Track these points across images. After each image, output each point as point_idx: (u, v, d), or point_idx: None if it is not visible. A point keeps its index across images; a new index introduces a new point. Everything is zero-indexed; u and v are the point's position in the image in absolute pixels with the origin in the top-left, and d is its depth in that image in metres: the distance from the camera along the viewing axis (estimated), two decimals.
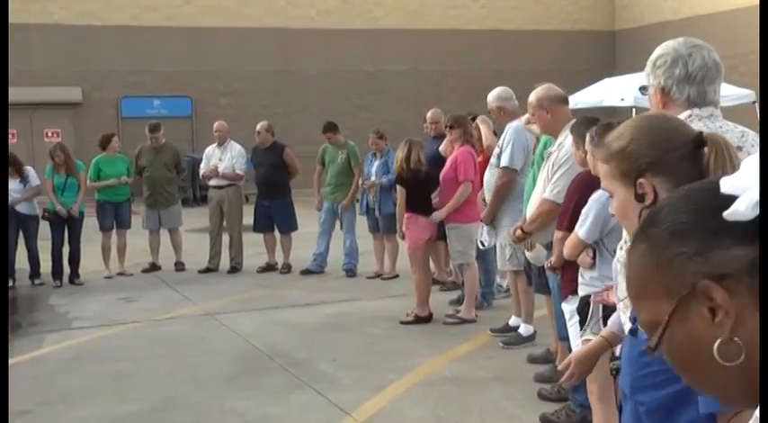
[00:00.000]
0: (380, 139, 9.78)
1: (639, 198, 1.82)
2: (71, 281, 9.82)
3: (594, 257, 4.09)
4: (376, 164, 9.77)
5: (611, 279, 3.91)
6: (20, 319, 8.25)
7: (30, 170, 9.76)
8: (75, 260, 9.87)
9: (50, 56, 20.57)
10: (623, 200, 1.87)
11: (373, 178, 9.56)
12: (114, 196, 10.26)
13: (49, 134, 20.65)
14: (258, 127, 10.50)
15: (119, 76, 21.10)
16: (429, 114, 9.34)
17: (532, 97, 5.48)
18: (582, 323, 4.13)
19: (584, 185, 4.26)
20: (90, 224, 10.47)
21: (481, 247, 6.92)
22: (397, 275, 9.67)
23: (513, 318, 7.07)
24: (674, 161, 1.80)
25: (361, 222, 10.21)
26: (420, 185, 7.60)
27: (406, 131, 10.89)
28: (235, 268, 10.47)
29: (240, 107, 21.74)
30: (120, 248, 10.42)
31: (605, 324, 3.93)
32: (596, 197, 4.07)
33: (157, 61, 21.31)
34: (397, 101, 23.39)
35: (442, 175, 7.52)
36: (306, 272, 10.16)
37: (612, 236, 3.99)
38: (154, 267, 10.59)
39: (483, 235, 6.72)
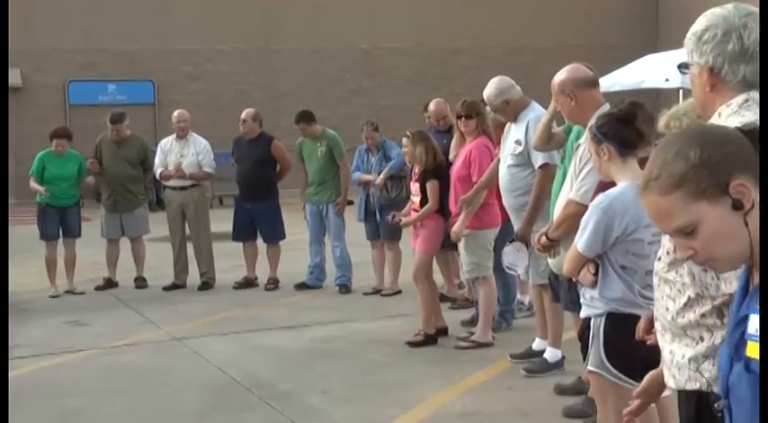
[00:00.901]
0: (375, 131, 9.81)
1: (737, 205, 1.76)
2: None
3: (597, 274, 4.04)
4: (373, 160, 9.77)
5: (617, 300, 3.94)
6: None
7: None
8: None
9: None
10: (719, 219, 1.77)
11: (380, 176, 9.50)
12: (59, 199, 10.25)
13: None
14: (244, 114, 10.50)
15: (65, 55, 21.14)
16: (432, 107, 9.34)
17: (555, 81, 5.49)
18: (584, 351, 4.14)
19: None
20: (31, 233, 10.47)
21: (513, 272, 6.85)
22: (399, 291, 9.70)
23: (538, 341, 7.08)
24: (745, 151, 1.79)
25: (354, 228, 10.21)
26: (443, 183, 7.74)
27: (408, 120, 10.95)
28: (206, 284, 10.49)
29: (212, 92, 21.80)
30: (68, 262, 10.42)
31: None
32: (597, 203, 4.01)
33: (112, 37, 21.35)
34: (398, 84, 23.44)
35: (454, 173, 7.53)
36: (302, 286, 10.19)
37: (619, 249, 3.95)
38: (110, 284, 10.60)
39: (514, 256, 6.57)
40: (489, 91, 6.90)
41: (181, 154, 10.49)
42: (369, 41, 23.36)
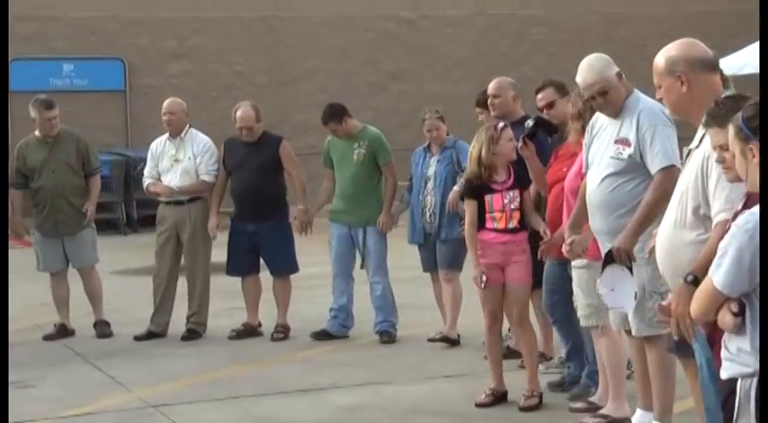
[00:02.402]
0: (441, 122, 9.82)
1: None
2: None
3: (742, 314, 3.99)
4: (432, 161, 9.76)
5: None
6: None
7: None
8: None
9: None
10: None
11: (455, 188, 9.43)
12: None
13: None
14: (238, 109, 10.54)
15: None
16: (493, 86, 9.32)
17: (660, 59, 5.47)
18: None
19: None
20: None
21: (614, 307, 6.74)
22: (457, 338, 9.65)
23: (640, 413, 7.03)
24: None
25: (400, 256, 10.20)
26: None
27: (464, 113, 10.94)
28: (193, 332, 10.52)
29: (201, 75, 21.91)
30: None
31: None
32: (742, 223, 3.95)
33: (68, 2, 21.54)
34: (450, 65, 23.43)
35: (566, 184, 7.53)
36: (321, 335, 10.20)
37: None
38: (63, 331, 10.65)
39: (614, 288, 6.45)
40: (586, 73, 6.85)
41: (175, 158, 10.55)
42: (413, 8, 23.40)
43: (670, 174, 6.44)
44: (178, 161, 10.53)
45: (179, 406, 8.16)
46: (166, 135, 10.73)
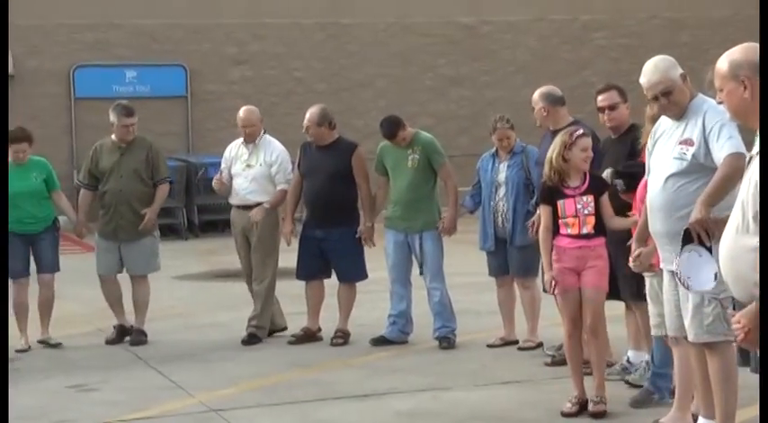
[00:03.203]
0: (512, 130, 9.80)
1: None
2: None
3: None
4: (503, 167, 9.76)
5: None
6: None
7: None
8: None
9: None
10: None
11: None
12: (24, 224, 10.38)
13: None
14: (308, 116, 10.53)
15: (70, 32, 21.58)
16: (539, 96, 9.32)
17: (723, 62, 5.40)
18: None
19: None
20: None
21: (695, 289, 6.59)
22: (540, 344, 9.65)
23: (702, 422, 6.95)
24: None
25: (459, 261, 10.18)
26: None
27: (524, 119, 10.89)
28: (254, 337, 10.56)
29: (261, 81, 22.01)
30: (43, 305, 10.56)
31: None
32: None
33: (131, 9, 21.72)
34: (511, 71, 23.37)
35: (638, 193, 7.46)
36: (380, 341, 10.22)
37: None
38: (122, 331, 10.72)
39: (695, 271, 6.29)
40: (650, 74, 6.82)
41: (247, 163, 10.63)
42: (472, 14, 23.36)
43: (739, 158, 6.37)
44: (250, 167, 10.60)
45: (239, 410, 8.19)
46: (241, 139, 10.79)
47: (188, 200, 19.37)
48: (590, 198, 7.76)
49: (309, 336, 10.51)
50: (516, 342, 9.93)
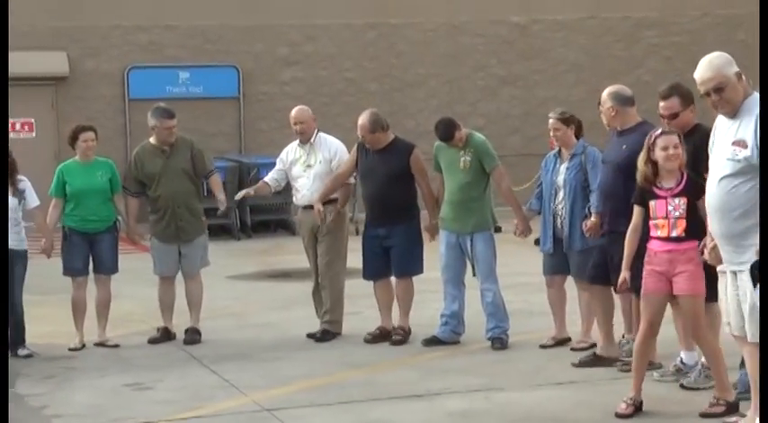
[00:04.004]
0: (564, 125, 9.71)
1: None
2: (13, 353, 10.12)
3: None
4: (563, 169, 9.68)
5: None
6: None
7: (26, 182, 10.23)
8: (16, 320, 10.19)
9: (19, 5, 21.35)
10: None
11: (594, 197, 9.35)
12: (86, 221, 10.49)
13: (18, 126, 21.35)
14: (360, 124, 10.48)
15: (124, 34, 21.73)
16: (607, 95, 9.20)
17: None
18: None
19: None
20: (53, 267, 10.76)
21: None
22: (593, 345, 9.59)
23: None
24: None
25: (511, 262, 10.15)
26: None
27: (579, 116, 10.81)
28: (327, 332, 10.63)
29: (313, 82, 22.05)
30: (101, 304, 10.66)
31: None
32: None
33: (184, 11, 21.85)
34: (562, 70, 23.27)
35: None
36: (432, 341, 10.22)
37: None
38: (166, 335, 10.80)
39: None
40: (704, 70, 6.76)
41: (307, 163, 10.67)
42: (523, 13, 23.27)
43: None
44: (310, 166, 10.66)
45: (292, 410, 8.22)
46: (296, 142, 10.83)
47: (240, 200, 19.38)
48: (683, 200, 7.62)
49: (384, 335, 10.54)
50: (569, 340, 9.89)
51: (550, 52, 23.26)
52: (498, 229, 10.28)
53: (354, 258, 10.90)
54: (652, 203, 7.71)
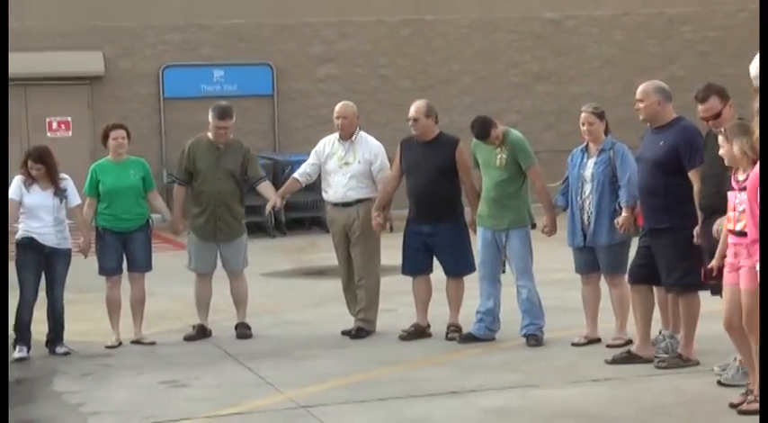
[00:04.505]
0: (599, 119, 9.69)
1: None
2: (51, 351, 10.26)
3: None
4: (591, 163, 9.67)
5: None
6: (9, 416, 8.59)
7: (69, 181, 10.30)
8: (55, 318, 10.31)
9: (56, 6, 21.50)
10: None
11: (624, 199, 9.37)
12: (119, 220, 10.55)
13: (54, 125, 21.52)
14: (413, 110, 10.45)
15: (159, 33, 21.83)
16: (653, 89, 9.14)
17: None
18: None
19: None
20: (90, 265, 10.84)
21: None
22: (629, 341, 9.55)
23: None
24: None
25: (545, 258, 10.13)
26: None
27: (612, 114, 10.79)
28: (362, 330, 10.64)
29: (347, 79, 22.07)
30: (136, 302, 10.71)
31: None
32: None
33: (218, 10, 21.92)
34: (597, 66, 23.21)
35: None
36: (467, 338, 10.22)
37: None
38: (202, 332, 10.85)
39: None
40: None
41: (345, 160, 10.65)
42: (558, 9, 23.23)
43: None
44: (348, 164, 10.62)
45: (327, 407, 8.23)
46: (335, 135, 10.79)
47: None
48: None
49: (420, 332, 10.54)
50: (599, 340, 9.85)
51: (585, 48, 23.21)
52: (534, 226, 10.25)
53: (387, 255, 10.92)
54: (730, 194, 7.66)
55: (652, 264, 8.94)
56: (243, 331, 10.80)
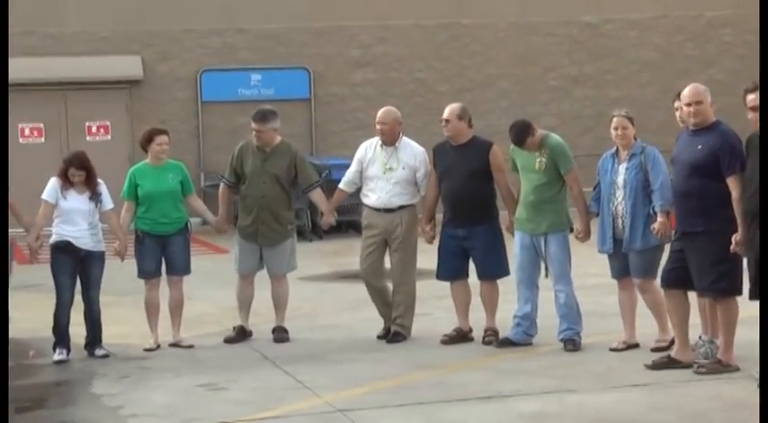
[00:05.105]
0: (632, 123, 9.62)
1: None
2: (90, 353, 10.35)
3: None
4: (622, 169, 9.60)
5: None
6: (48, 418, 8.66)
7: (103, 185, 10.36)
8: (92, 320, 10.40)
9: (96, 11, 21.65)
10: None
11: (660, 203, 9.33)
12: (158, 224, 10.59)
13: (94, 129, 21.66)
14: (446, 111, 10.44)
15: (198, 38, 21.95)
16: (706, 91, 9.07)
17: None
18: None
19: None
20: (127, 268, 10.91)
21: None
22: (671, 343, 9.50)
23: None
24: None
25: (583, 263, 10.10)
26: None
27: (649, 118, 10.76)
28: (398, 335, 10.63)
29: (384, 83, 22.11)
30: (174, 305, 10.75)
31: None
32: None
33: (256, 14, 22.01)
34: (635, 69, 23.15)
35: None
36: (504, 342, 10.20)
37: None
38: (242, 333, 10.89)
39: None
40: None
41: (388, 166, 10.63)
42: (595, 12, 23.18)
43: None
44: (392, 169, 10.59)
45: (364, 411, 8.23)
46: (376, 140, 10.76)
47: (312, 201, 19.45)
48: None
49: (462, 336, 10.52)
50: (638, 345, 9.79)
51: (623, 52, 23.15)
52: (572, 230, 10.21)
53: (422, 259, 10.92)
54: None
55: (685, 267, 8.88)
56: (280, 335, 10.82)
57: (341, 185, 11.03)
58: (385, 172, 10.61)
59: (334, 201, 11.18)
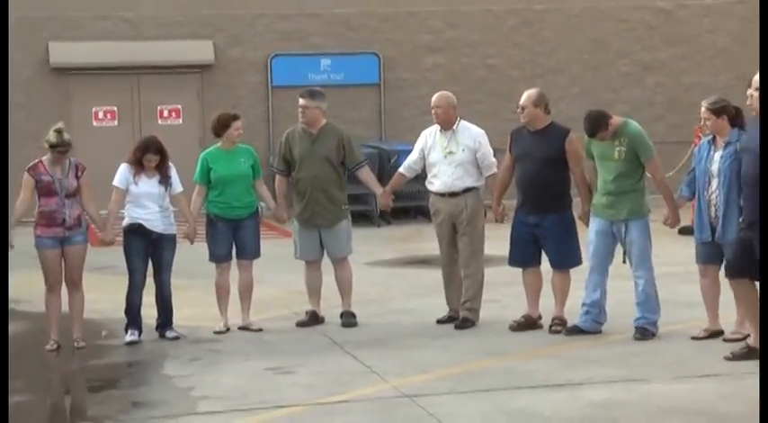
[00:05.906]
0: (716, 115, 9.44)
1: None
2: (161, 335, 10.48)
3: None
4: (717, 157, 9.44)
5: None
6: (120, 398, 8.79)
7: (172, 168, 10.47)
8: (164, 303, 10.51)
9: None
10: None
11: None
12: (230, 208, 10.66)
13: (165, 113, 21.82)
14: (523, 97, 10.41)
15: (269, 22, 22.00)
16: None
17: None
18: None
19: None
20: (199, 251, 11.01)
21: None
22: (747, 336, 9.35)
23: None
24: None
25: (658, 252, 10.00)
26: None
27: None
28: (467, 320, 10.62)
29: (454, 69, 22.03)
30: (244, 289, 10.82)
31: None
32: None
33: (327, 0, 22.02)
34: (710, 55, 22.87)
35: None
36: (573, 330, 10.16)
37: None
38: (314, 319, 10.95)
39: None
40: None
41: (449, 150, 10.62)
42: None
43: None
44: (452, 153, 10.59)
45: (432, 397, 8.23)
46: (436, 126, 10.79)
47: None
48: None
49: (531, 323, 10.50)
50: (721, 333, 9.69)
51: (697, 38, 22.86)
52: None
53: (490, 245, 10.91)
54: None
55: (749, 255, 8.71)
56: (348, 320, 10.86)
57: (400, 169, 11.14)
58: (446, 156, 10.61)
59: (392, 184, 11.25)
